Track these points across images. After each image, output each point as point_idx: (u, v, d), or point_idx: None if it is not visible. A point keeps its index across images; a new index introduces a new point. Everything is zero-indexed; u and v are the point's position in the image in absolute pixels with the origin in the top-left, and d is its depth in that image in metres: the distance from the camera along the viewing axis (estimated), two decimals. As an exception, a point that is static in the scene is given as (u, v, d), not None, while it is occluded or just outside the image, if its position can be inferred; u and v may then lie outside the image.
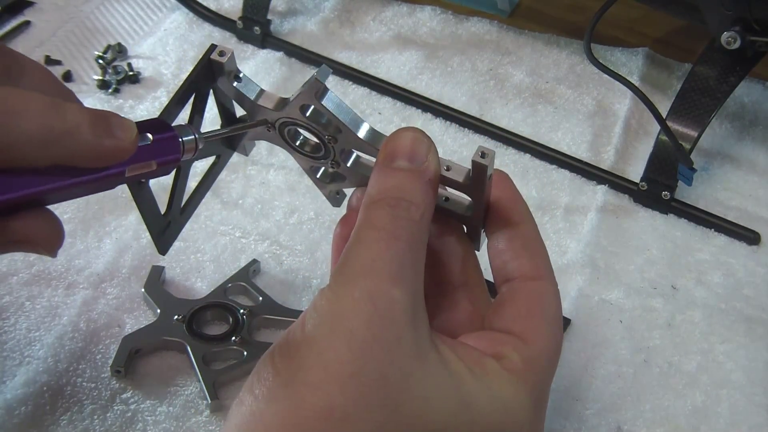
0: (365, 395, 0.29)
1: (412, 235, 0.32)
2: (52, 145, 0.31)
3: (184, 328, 0.47)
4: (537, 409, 0.34)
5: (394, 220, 0.32)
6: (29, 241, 0.33)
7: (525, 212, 0.36)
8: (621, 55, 0.67)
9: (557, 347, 0.35)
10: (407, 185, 0.33)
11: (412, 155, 0.33)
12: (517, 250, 0.35)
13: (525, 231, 0.36)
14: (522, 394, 0.33)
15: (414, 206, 0.32)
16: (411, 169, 0.33)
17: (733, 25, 0.53)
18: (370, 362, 0.29)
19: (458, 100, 0.63)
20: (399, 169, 0.33)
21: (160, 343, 0.47)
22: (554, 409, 0.45)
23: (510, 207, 0.36)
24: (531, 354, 0.34)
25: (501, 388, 0.32)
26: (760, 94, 0.64)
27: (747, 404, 0.45)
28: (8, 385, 0.45)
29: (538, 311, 0.35)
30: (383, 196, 0.32)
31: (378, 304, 0.30)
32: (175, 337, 0.46)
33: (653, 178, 0.55)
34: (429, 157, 0.34)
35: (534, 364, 0.33)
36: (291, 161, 0.58)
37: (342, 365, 0.29)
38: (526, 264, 0.35)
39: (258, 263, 0.51)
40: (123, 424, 0.44)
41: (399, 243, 0.31)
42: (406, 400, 0.30)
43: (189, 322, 0.47)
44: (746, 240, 0.54)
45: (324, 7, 0.71)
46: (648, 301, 0.50)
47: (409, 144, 0.33)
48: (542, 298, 0.35)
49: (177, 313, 0.47)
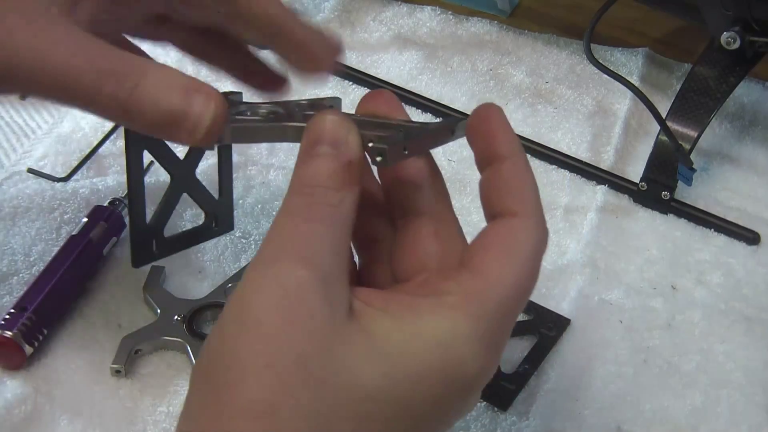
0: (285, 381, 0.29)
1: (329, 217, 0.32)
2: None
3: (184, 328, 0.47)
4: (486, 346, 0.32)
5: (309, 206, 0.32)
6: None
7: (513, 146, 0.34)
8: (621, 55, 0.67)
9: (520, 285, 0.32)
10: (324, 170, 0.32)
11: (332, 140, 0.33)
12: (500, 186, 0.34)
13: (511, 166, 0.34)
14: (461, 327, 0.31)
15: (331, 191, 0.32)
16: (330, 153, 0.33)
17: (733, 25, 0.53)
18: (284, 347, 0.29)
19: (458, 100, 0.64)
20: (317, 155, 0.33)
21: (160, 343, 0.47)
22: (554, 409, 0.45)
23: (497, 141, 0.34)
24: (477, 286, 0.32)
25: (435, 327, 0.31)
26: (760, 94, 0.64)
27: (746, 404, 0.45)
28: (8, 385, 0.45)
29: (497, 245, 0.33)
30: (301, 183, 0.33)
31: (287, 287, 0.30)
32: (175, 337, 0.46)
33: (653, 178, 0.55)
34: (349, 138, 0.33)
35: (480, 297, 0.31)
36: (291, 161, 0.58)
37: (256, 357, 0.29)
38: (507, 200, 0.34)
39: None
40: (123, 424, 0.44)
41: (312, 225, 0.31)
42: (329, 376, 0.29)
43: (189, 322, 0.47)
44: (746, 240, 0.54)
45: (324, 8, 0.71)
46: (648, 301, 0.50)
47: (328, 128, 0.33)
48: (511, 233, 0.33)
49: (177, 313, 0.47)
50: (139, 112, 0.36)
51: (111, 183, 0.55)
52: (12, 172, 0.57)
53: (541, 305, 0.49)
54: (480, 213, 0.33)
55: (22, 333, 0.45)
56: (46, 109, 0.63)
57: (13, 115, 0.62)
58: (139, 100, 0.36)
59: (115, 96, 0.35)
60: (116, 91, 0.35)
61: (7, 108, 0.63)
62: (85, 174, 0.57)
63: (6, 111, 0.63)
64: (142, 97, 0.36)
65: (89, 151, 0.58)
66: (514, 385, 0.45)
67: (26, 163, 0.58)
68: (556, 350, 0.47)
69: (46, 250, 0.51)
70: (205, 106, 0.36)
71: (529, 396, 0.45)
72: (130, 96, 0.36)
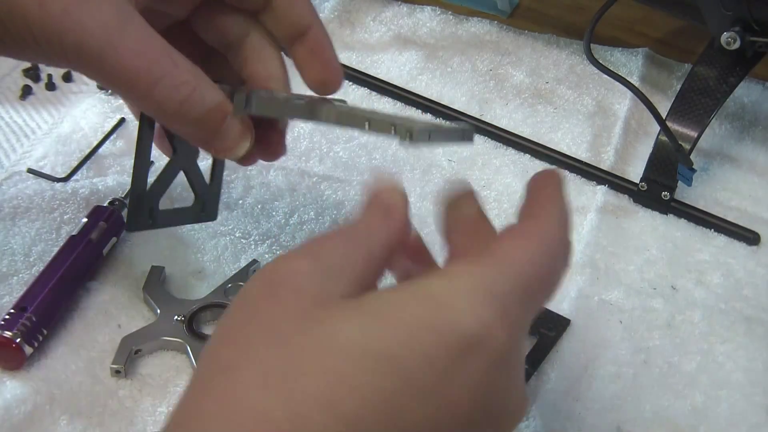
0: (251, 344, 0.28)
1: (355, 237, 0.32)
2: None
3: (184, 329, 0.47)
4: (489, 305, 0.28)
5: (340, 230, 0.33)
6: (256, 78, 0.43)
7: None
8: (621, 55, 0.67)
9: (534, 262, 0.30)
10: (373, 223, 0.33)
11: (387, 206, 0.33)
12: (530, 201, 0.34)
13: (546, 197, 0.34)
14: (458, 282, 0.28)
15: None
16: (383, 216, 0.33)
17: (733, 25, 0.54)
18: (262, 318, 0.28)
19: (458, 100, 0.64)
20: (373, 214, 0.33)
21: (160, 343, 0.47)
22: (554, 409, 0.45)
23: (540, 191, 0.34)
24: (485, 260, 0.29)
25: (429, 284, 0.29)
26: (760, 94, 0.64)
27: (746, 404, 0.45)
28: (8, 385, 0.45)
29: (513, 232, 0.32)
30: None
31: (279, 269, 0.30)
32: (175, 338, 0.46)
33: (653, 179, 0.55)
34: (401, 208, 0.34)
35: (485, 263, 0.29)
36: (291, 161, 0.58)
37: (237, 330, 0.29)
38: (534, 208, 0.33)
39: (258, 263, 0.51)
40: (123, 424, 0.44)
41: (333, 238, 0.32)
42: (300, 339, 0.27)
43: (189, 322, 0.47)
44: (746, 240, 0.54)
45: (324, 8, 0.71)
46: (648, 301, 0.50)
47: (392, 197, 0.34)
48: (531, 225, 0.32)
49: (177, 314, 0.47)
50: (182, 122, 0.39)
51: (111, 183, 0.55)
52: (12, 172, 0.57)
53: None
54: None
55: (22, 333, 0.45)
56: (46, 109, 0.63)
57: (13, 115, 0.62)
58: (185, 113, 0.38)
59: (163, 103, 0.38)
60: (166, 99, 0.37)
61: (7, 108, 0.63)
62: (85, 174, 0.57)
63: (6, 111, 0.63)
64: (188, 110, 0.38)
65: (89, 151, 0.58)
66: (514, 385, 0.45)
67: (26, 163, 0.58)
68: (556, 350, 0.47)
69: (46, 250, 0.51)
70: (241, 134, 0.41)
71: (529, 396, 0.45)
72: (179, 107, 0.38)
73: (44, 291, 0.47)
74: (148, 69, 0.37)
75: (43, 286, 0.47)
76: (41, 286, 0.47)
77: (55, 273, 0.48)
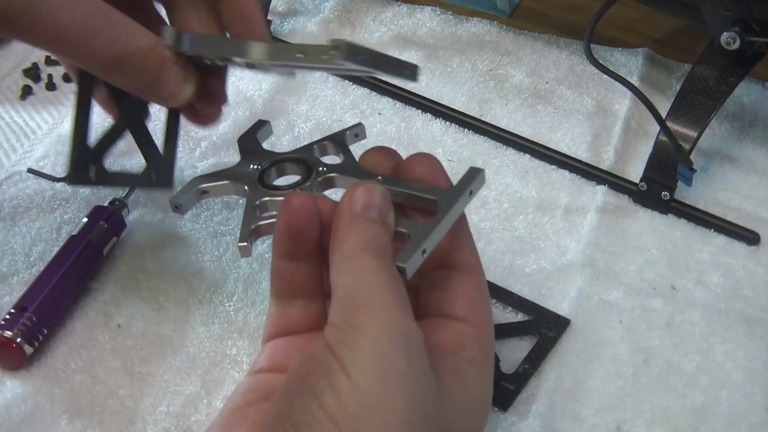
0: None
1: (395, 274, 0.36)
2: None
3: (255, 176, 0.45)
4: (490, 380, 0.39)
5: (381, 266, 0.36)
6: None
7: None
8: (621, 55, 0.67)
9: (492, 326, 0.41)
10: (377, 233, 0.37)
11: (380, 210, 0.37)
12: (458, 239, 0.40)
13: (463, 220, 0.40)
14: (486, 378, 0.39)
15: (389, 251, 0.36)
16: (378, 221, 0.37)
17: (733, 25, 0.53)
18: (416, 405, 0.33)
19: (458, 100, 0.64)
20: (369, 219, 0.37)
21: (226, 187, 0.45)
22: (554, 409, 0.45)
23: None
24: (483, 339, 0.39)
25: (472, 384, 0.38)
26: (760, 94, 0.64)
27: (747, 404, 0.45)
28: (8, 385, 0.45)
29: (484, 300, 0.40)
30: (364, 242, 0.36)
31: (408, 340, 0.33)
32: (241, 183, 0.45)
33: (653, 179, 0.55)
34: (390, 214, 0.38)
35: (485, 347, 0.39)
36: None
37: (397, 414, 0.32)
38: (466, 256, 0.40)
39: (362, 126, 0.48)
40: (123, 424, 0.44)
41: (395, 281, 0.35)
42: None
43: (263, 171, 0.45)
44: (746, 240, 0.54)
45: (324, 8, 0.71)
46: (648, 301, 0.50)
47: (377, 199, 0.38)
48: (484, 288, 0.40)
49: (257, 163, 0.46)
50: (119, 73, 0.40)
51: (111, 183, 0.55)
52: (12, 172, 0.57)
53: (541, 305, 0.49)
54: (479, 214, 0.34)
55: (22, 333, 0.45)
56: (46, 109, 0.63)
57: (13, 115, 0.62)
58: (121, 64, 0.39)
59: (99, 58, 0.38)
60: (101, 54, 0.38)
61: (7, 108, 0.63)
62: (85, 174, 0.57)
63: (6, 111, 0.63)
64: (124, 62, 0.39)
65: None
66: (514, 385, 0.45)
67: (26, 163, 0.58)
68: (556, 350, 0.47)
69: (46, 250, 0.51)
70: (183, 77, 0.42)
71: (529, 396, 0.45)
72: (114, 60, 0.39)
73: (44, 291, 0.47)
74: (81, 25, 0.37)
75: (43, 286, 0.47)
76: (41, 286, 0.47)
77: (56, 273, 0.48)
